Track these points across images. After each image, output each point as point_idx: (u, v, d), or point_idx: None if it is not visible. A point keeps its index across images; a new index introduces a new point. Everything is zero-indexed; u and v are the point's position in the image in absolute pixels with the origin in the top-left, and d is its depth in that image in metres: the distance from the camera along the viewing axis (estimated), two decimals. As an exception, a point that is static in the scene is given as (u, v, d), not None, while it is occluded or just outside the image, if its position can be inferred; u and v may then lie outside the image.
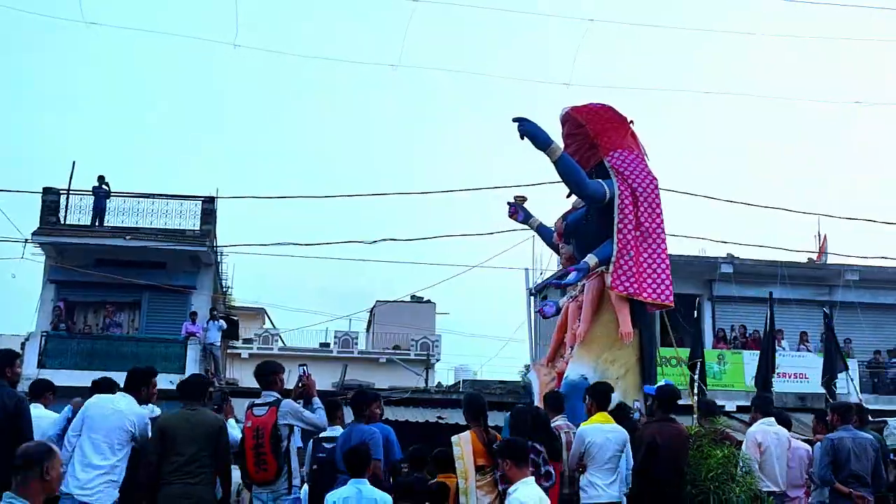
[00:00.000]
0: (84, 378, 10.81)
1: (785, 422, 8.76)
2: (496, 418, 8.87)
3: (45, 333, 20.93)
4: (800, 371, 20.94)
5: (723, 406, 14.77)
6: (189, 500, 6.55)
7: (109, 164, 61.90)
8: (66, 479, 6.50)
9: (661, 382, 8.85)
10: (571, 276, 9.69)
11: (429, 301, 38.80)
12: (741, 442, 8.35)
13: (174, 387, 8.40)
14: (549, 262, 25.55)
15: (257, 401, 7.10)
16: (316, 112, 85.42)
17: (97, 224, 22.21)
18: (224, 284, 26.61)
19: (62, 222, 22.18)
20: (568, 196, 10.43)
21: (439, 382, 31.97)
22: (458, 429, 7.65)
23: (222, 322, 21.86)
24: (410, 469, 8.05)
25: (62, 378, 14.28)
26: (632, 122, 10.04)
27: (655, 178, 9.82)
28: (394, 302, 34.98)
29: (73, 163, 22.60)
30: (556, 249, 11.25)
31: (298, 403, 7.16)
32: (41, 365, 20.01)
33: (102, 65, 77.77)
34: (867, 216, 33.80)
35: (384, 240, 19.78)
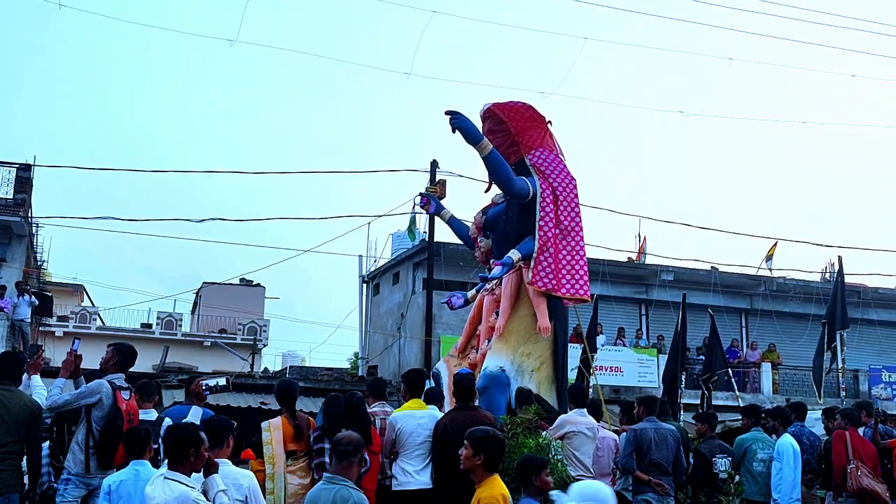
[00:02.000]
0: None
1: (596, 412, 9.17)
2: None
3: None
4: (616, 365, 21.95)
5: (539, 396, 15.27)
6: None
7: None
8: None
9: (460, 370, 9.09)
10: (496, 271, 9.87)
11: (258, 285, 38.18)
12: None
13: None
14: (382, 251, 25.67)
15: (118, 382, 6.73)
16: (149, 83, 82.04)
17: None
18: (38, 258, 25.22)
19: None
20: (486, 191, 10.62)
21: (266, 368, 31.49)
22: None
23: (33, 297, 20.60)
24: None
25: None
26: (550, 122, 10.24)
27: (574, 179, 10.11)
28: (222, 284, 34.20)
29: None
30: (468, 243, 11.29)
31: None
32: None
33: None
34: (684, 220, 35.93)
35: (212, 219, 19.33)
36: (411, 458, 7.33)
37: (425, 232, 22.05)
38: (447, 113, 9.36)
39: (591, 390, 12.14)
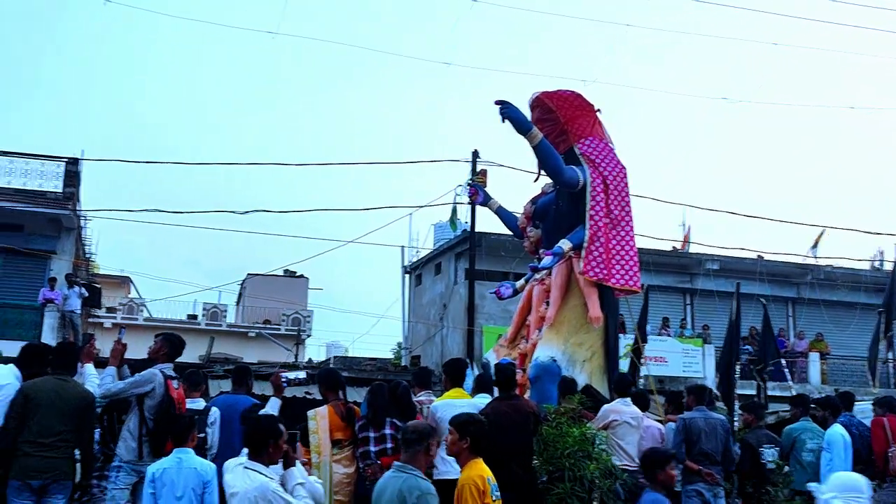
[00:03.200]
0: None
1: (642, 401, 9.09)
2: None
3: None
4: (660, 355, 21.73)
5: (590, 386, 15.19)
6: (47, 475, 6.27)
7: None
8: None
9: (501, 360, 9.02)
10: (547, 261, 9.85)
11: (302, 276, 38.41)
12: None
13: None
14: (424, 241, 25.72)
15: (168, 371, 6.85)
16: (193, 76, 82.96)
17: (-52, 182, 20.90)
18: (87, 250, 25.60)
19: None
20: (535, 181, 10.58)
21: (310, 358, 31.72)
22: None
23: (83, 289, 20.94)
24: None
25: None
26: (598, 110, 10.16)
27: (624, 167, 10.02)
28: (266, 275, 34.45)
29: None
30: (517, 232, 11.24)
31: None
32: None
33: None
34: (729, 208, 35.45)
35: (257, 211, 19.52)
36: (451, 447, 7.31)
37: (467, 222, 22.03)
38: (497, 103, 9.30)
39: (641, 380, 12.03)
